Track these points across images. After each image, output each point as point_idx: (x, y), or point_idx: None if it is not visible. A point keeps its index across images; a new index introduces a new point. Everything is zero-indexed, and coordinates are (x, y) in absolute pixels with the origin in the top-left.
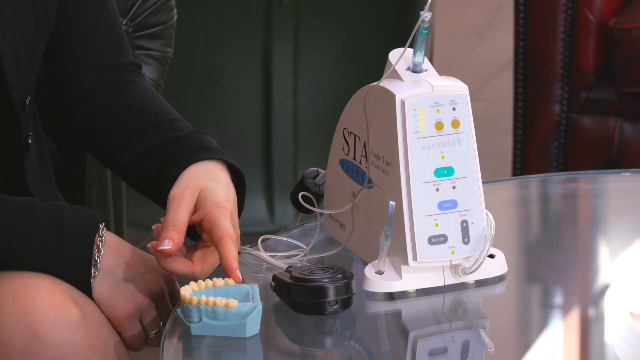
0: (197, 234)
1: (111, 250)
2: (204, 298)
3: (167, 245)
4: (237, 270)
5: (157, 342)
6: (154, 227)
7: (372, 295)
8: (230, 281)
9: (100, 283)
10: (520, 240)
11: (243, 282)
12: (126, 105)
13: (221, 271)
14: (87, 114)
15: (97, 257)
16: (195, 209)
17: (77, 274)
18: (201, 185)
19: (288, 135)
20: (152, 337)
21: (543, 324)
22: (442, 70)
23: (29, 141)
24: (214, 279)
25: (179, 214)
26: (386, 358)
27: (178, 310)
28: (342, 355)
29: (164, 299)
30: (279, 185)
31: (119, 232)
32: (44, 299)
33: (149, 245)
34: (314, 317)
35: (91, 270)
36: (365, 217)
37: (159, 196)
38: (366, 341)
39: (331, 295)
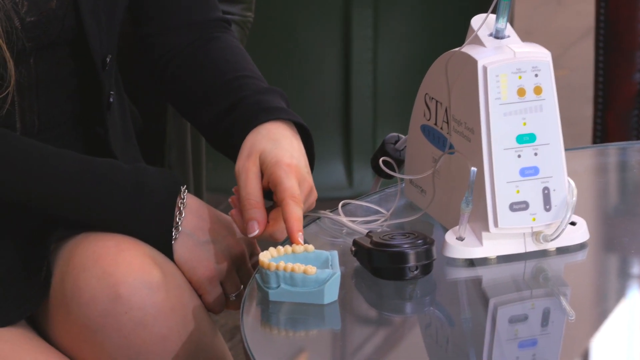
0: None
1: (192, 213)
2: (282, 264)
3: (256, 230)
4: (299, 234)
5: (237, 305)
6: (230, 200)
7: (453, 262)
8: (310, 247)
9: (181, 245)
10: (600, 208)
11: (306, 244)
12: (208, 62)
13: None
14: (174, 72)
15: (179, 219)
16: (262, 174)
17: (159, 236)
18: (260, 149)
19: (367, 100)
20: (233, 300)
21: (623, 292)
22: (523, 38)
23: (111, 100)
24: (293, 245)
25: (250, 188)
26: (466, 324)
27: (257, 275)
28: (422, 321)
29: (245, 262)
30: (358, 151)
31: (198, 195)
32: (126, 260)
33: (231, 212)
34: (393, 282)
35: (172, 232)
36: (446, 183)
37: (234, 158)
38: (446, 307)
39: (412, 261)
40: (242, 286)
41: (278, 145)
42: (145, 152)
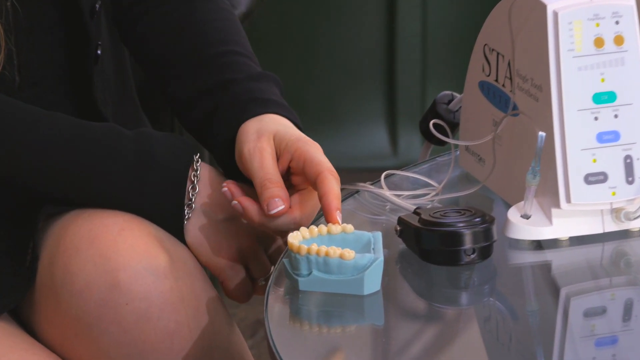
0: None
1: (208, 186)
2: (314, 247)
3: (279, 205)
4: (338, 212)
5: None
6: (225, 188)
7: (516, 244)
8: (349, 227)
9: (195, 225)
10: None
11: (344, 224)
12: (193, 25)
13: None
14: (145, 31)
15: (192, 195)
16: (277, 157)
17: (167, 214)
18: (272, 130)
19: (415, 53)
20: (262, 284)
21: None
22: None
23: (98, 52)
24: (329, 224)
25: (267, 167)
26: (533, 318)
27: (284, 260)
28: (480, 314)
29: (274, 239)
30: (403, 113)
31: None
32: (127, 242)
33: (234, 203)
34: (446, 268)
35: (184, 210)
36: (509, 150)
37: (210, 148)
38: (508, 298)
39: (468, 243)
40: (272, 268)
41: (290, 128)
42: (150, 115)
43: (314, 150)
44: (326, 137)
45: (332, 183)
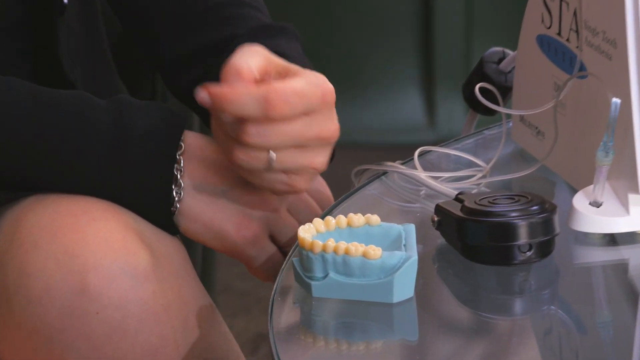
0: None
1: (196, 156)
2: (331, 244)
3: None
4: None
5: None
6: (199, 96)
7: (584, 238)
8: (373, 219)
9: (191, 206)
10: None
11: (369, 214)
12: None
13: (349, 206)
14: None
15: (178, 171)
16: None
17: (152, 199)
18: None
19: (457, 2)
20: None
21: None
22: None
23: (65, 1)
24: (350, 215)
25: (245, 59)
26: (605, 332)
27: (294, 259)
28: (538, 326)
29: (301, 195)
30: (443, 75)
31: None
32: (99, 235)
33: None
34: (496, 269)
35: (173, 192)
36: (575, 121)
37: (206, 116)
38: (574, 306)
39: (523, 237)
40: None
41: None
42: (127, 80)
43: (301, 70)
44: (348, 106)
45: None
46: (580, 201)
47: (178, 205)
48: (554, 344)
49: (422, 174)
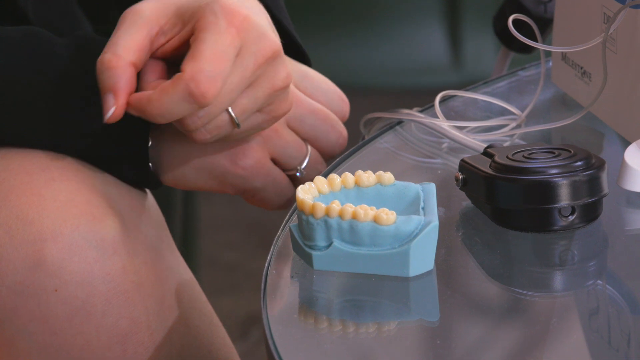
0: None
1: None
2: (336, 207)
3: (110, 107)
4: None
5: (308, 178)
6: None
7: (638, 200)
8: (386, 177)
9: (172, 145)
10: None
11: (381, 172)
12: None
13: (354, 162)
14: None
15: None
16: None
17: (124, 149)
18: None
19: None
20: (303, 175)
21: None
22: None
23: None
24: (358, 172)
25: (122, 36)
26: None
27: (292, 225)
28: (582, 307)
29: (301, 100)
30: (470, 7)
31: None
32: (59, 197)
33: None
34: (532, 236)
35: (149, 127)
36: (628, 61)
37: None
38: (625, 281)
39: (565, 198)
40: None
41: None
42: (89, 11)
43: (214, 26)
44: (359, 43)
45: (169, 94)
46: (633, 156)
47: (151, 147)
48: (601, 326)
49: (444, 123)
